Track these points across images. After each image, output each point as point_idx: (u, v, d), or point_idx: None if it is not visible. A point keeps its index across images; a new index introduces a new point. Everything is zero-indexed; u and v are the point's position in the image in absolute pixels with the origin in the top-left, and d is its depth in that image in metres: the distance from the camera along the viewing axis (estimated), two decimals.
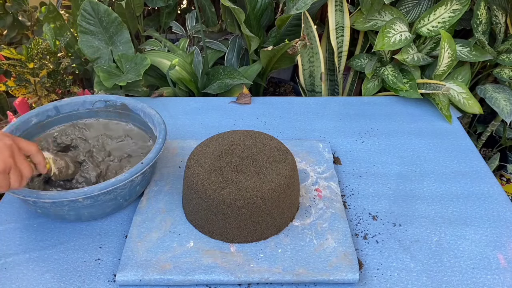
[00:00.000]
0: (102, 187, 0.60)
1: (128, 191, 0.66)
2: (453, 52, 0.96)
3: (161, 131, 0.71)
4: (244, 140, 0.71)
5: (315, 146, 0.84)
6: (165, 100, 1.02)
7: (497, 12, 1.02)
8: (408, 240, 0.67)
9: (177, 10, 1.43)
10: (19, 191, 0.59)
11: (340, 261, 0.61)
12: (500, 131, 1.25)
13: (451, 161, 0.84)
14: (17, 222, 0.69)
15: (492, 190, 0.77)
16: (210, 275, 0.59)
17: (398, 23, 1.00)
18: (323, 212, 0.69)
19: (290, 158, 0.68)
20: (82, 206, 0.63)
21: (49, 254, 0.64)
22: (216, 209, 0.62)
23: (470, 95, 0.98)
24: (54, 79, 1.00)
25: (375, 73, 1.10)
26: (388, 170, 0.81)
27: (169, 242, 0.64)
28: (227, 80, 1.10)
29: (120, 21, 1.03)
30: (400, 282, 0.61)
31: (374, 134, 0.92)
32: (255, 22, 1.18)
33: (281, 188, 0.63)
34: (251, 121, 0.95)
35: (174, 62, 0.99)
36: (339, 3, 1.13)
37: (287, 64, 1.13)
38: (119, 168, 0.73)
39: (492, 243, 0.67)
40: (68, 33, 1.11)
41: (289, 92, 1.50)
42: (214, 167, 0.66)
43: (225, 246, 0.64)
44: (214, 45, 1.27)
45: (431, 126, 0.94)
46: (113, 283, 0.60)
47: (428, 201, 0.75)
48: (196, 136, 0.89)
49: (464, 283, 0.61)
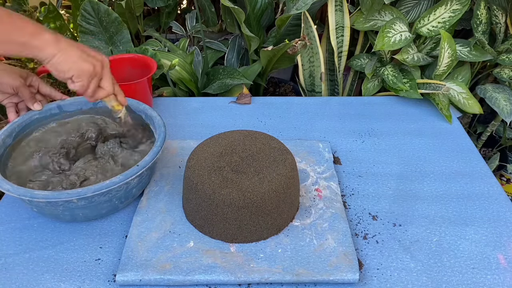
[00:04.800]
0: (96, 189, 0.60)
1: (124, 193, 0.66)
2: (453, 52, 0.96)
3: (160, 134, 0.70)
4: (244, 140, 0.71)
5: (315, 146, 0.84)
6: (165, 100, 1.02)
7: (497, 12, 1.02)
8: (408, 240, 0.67)
9: (177, 10, 1.43)
10: (14, 190, 0.59)
11: (340, 261, 0.61)
12: (500, 131, 1.25)
13: (451, 161, 0.84)
14: (17, 222, 0.69)
15: (492, 190, 0.77)
16: (210, 275, 0.59)
17: (398, 23, 1.00)
18: (323, 212, 0.69)
19: (290, 158, 0.68)
20: (77, 207, 0.62)
21: (49, 254, 0.64)
22: (216, 209, 0.62)
23: (470, 95, 0.98)
24: (54, 79, 1.01)
25: (375, 73, 1.10)
26: (388, 170, 0.81)
27: (169, 242, 0.64)
28: (227, 80, 1.10)
29: (120, 21, 1.03)
30: (400, 282, 0.61)
31: (374, 134, 0.92)
32: (255, 22, 1.18)
33: (281, 188, 0.63)
34: (251, 121, 0.95)
35: (174, 62, 0.99)
36: (339, 3, 1.13)
37: (287, 64, 1.13)
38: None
39: (492, 243, 0.67)
40: (68, 33, 1.11)
41: (289, 92, 1.50)
42: (214, 167, 0.66)
43: (225, 246, 0.64)
44: (214, 45, 1.27)
45: (431, 126, 0.94)
46: (113, 283, 0.60)
47: (428, 201, 0.75)
48: (196, 136, 0.89)
49: (464, 283, 0.61)
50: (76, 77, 0.62)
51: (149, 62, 0.92)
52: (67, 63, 0.60)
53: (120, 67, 0.93)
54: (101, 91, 0.66)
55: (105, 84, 0.66)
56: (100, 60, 0.64)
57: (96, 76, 0.64)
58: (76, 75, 0.61)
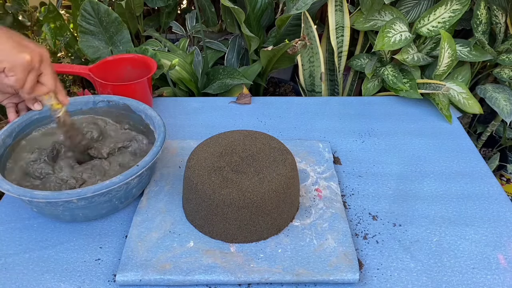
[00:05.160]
0: (96, 189, 0.60)
1: (124, 193, 0.66)
2: (453, 52, 0.96)
3: (160, 134, 0.70)
4: (244, 140, 0.71)
5: (315, 146, 0.84)
6: (165, 100, 1.02)
7: (497, 12, 1.02)
8: (408, 240, 0.67)
9: (177, 10, 1.43)
10: (14, 190, 0.59)
11: (340, 261, 0.61)
12: (500, 131, 1.25)
13: (451, 161, 0.84)
14: (17, 222, 0.69)
15: (492, 190, 0.77)
16: (210, 275, 0.59)
17: (398, 23, 1.00)
18: (323, 212, 0.69)
19: (290, 158, 0.68)
20: (77, 207, 0.62)
21: (49, 254, 0.64)
22: (216, 209, 0.62)
23: (470, 95, 0.98)
24: None
25: (375, 73, 1.10)
26: (388, 170, 0.81)
27: (169, 242, 0.64)
28: (227, 80, 1.10)
29: (120, 21, 1.03)
30: (400, 282, 0.61)
31: (374, 134, 0.92)
32: (255, 22, 1.18)
33: (281, 188, 0.63)
34: (251, 121, 0.95)
35: (174, 62, 0.99)
36: (339, 3, 1.13)
37: (287, 64, 1.13)
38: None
39: (492, 243, 0.67)
40: (68, 33, 1.11)
41: (289, 92, 1.50)
42: (214, 167, 0.66)
43: (225, 246, 0.64)
44: (214, 45, 1.27)
45: (431, 126, 0.94)
46: (113, 283, 0.60)
47: (428, 201, 0.75)
48: (196, 136, 0.89)
49: (464, 283, 0.61)
50: (8, 69, 0.57)
51: (149, 62, 0.92)
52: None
53: (120, 67, 0.93)
54: (40, 87, 0.62)
55: (45, 79, 0.62)
56: (38, 52, 0.59)
57: (34, 70, 0.59)
58: (8, 67, 0.57)
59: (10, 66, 0.57)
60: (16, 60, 0.57)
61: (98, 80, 0.87)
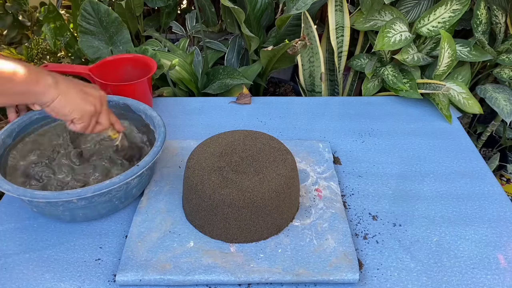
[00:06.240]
0: (96, 189, 0.60)
1: (124, 193, 0.66)
2: (453, 52, 0.96)
3: (160, 134, 0.70)
4: (244, 140, 0.71)
5: (315, 146, 0.84)
6: (165, 100, 1.02)
7: (497, 12, 1.02)
8: (408, 240, 0.67)
9: (177, 10, 1.43)
10: (14, 190, 0.59)
11: (340, 261, 0.61)
12: (500, 131, 1.25)
13: (451, 161, 0.84)
14: (17, 222, 0.69)
15: (492, 190, 0.77)
16: (210, 275, 0.59)
17: (398, 23, 1.00)
18: (323, 212, 0.69)
19: (290, 158, 0.68)
20: (77, 207, 0.62)
21: (49, 254, 0.64)
22: (216, 209, 0.62)
23: (470, 95, 0.98)
24: None
25: (375, 73, 1.10)
26: (388, 170, 0.81)
27: (169, 242, 0.64)
28: (227, 80, 1.10)
29: (120, 21, 1.03)
30: (400, 282, 0.61)
31: (374, 134, 0.92)
32: (255, 22, 1.18)
33: (281, 188, 0.63)
34: (251, 121, 0.95)
35: (174, 62, 0.99)
36: (339, 3, 1.13)
37: (287, 64, 1.13)
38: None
39: (492, 243, 0.67)
40: (68, 33, 1.11)
41: (289, 92, 1.50)
42: (214, 167, 0.66)
43: (225, 246, 0.64)
44: (214, 45, 1.27)
45: (431, 126, 0.94)
46: (113, 283, 0.60)
47: (428, 201, 0.75)
48: (196, 136, 0.89)
49: (464, 283, 0.61)
50: (78, 119, 0.63)
51: (149, 62, 0.92)
52: (68, 106, 0.61)
53: (120, 67, 0.93)
54: (98, 126, 0.67)
55: (102, 119, 0.67)
56: (98, 97, 0.65)
57: (96, 114, 0.65)
58: (78, 117, 0.62)
59: (80, 117, 0.63)
60: (85, 111, 0.63)
61: (98, 80, 0.87)
